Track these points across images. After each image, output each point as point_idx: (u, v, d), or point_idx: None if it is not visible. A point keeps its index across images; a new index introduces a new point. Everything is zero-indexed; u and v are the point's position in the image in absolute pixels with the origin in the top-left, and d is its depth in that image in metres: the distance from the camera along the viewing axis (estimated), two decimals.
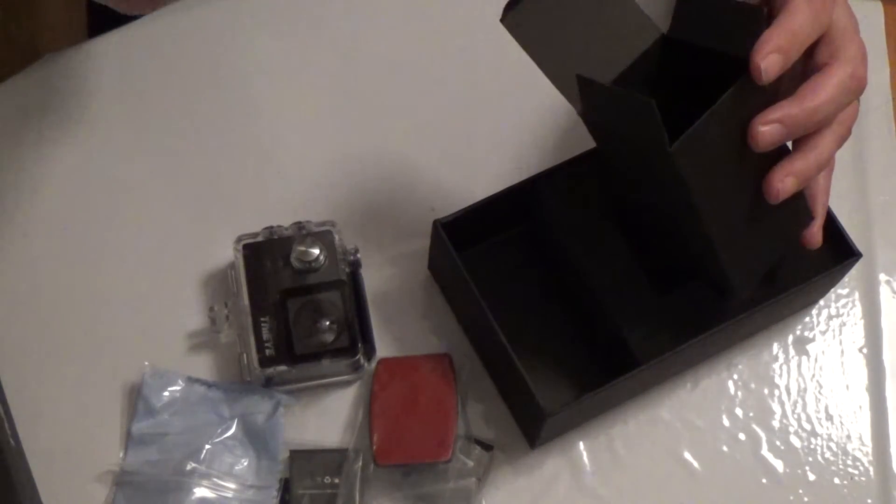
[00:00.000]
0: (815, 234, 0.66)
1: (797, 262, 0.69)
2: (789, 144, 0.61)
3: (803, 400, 0.73)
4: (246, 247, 0.71)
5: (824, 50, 0.60)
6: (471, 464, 0.68)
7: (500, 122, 0.79)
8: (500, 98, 0.79)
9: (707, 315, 0.67)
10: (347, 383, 0.71)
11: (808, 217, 0.65)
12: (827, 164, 0.62)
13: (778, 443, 0.72)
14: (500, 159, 0.77)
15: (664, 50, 0.62)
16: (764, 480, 0.71)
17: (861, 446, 0.72)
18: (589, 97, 0.59)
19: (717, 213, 0.61)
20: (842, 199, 0.75)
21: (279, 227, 0.71)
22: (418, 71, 0.80)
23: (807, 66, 0.61)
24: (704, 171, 0.58)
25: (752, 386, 0.73)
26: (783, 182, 0.59)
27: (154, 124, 0.78)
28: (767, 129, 0.57)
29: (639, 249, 0.69)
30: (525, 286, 0.72)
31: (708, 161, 0.58)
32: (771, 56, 0.56)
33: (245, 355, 0.69)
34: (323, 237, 0.71)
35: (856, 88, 0.60)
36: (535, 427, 0.67)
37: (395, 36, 0.82)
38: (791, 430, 0.72)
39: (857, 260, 0.69)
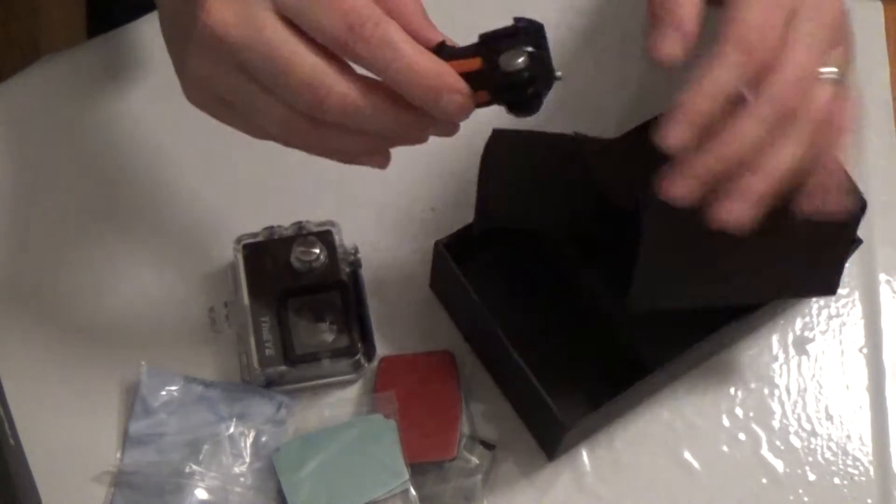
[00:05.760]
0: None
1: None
2: None
3: (803, 400, 0.73)
4: (246, 247, 0.71)
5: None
6: (475, 461, 0.68)
7: (501, 121, 0.79)
8: None
9: (710, 315, 0.67)
10: (347, 383, 0.71)
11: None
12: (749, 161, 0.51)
13: (778, 443, 0.72)
14: None
15: None
16: (764, 480, 0.71)
17: (861, 446, 0.72)
18: None
19: None
20: None
21: (279, 227, 0.71)
22: None
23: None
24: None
25: (752, 386, 0.73)
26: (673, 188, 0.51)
27: (154, 124, 0.77)
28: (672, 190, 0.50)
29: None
30: (527, 296, 0.71)
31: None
32: None
33: (245, 355, 0.69)
34: (323, 237, 0.70)
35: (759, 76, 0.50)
36: (553, 440, 0.67)
37: None
38: (791, 430, 0.72)
39: (857, 246, 0.69)
